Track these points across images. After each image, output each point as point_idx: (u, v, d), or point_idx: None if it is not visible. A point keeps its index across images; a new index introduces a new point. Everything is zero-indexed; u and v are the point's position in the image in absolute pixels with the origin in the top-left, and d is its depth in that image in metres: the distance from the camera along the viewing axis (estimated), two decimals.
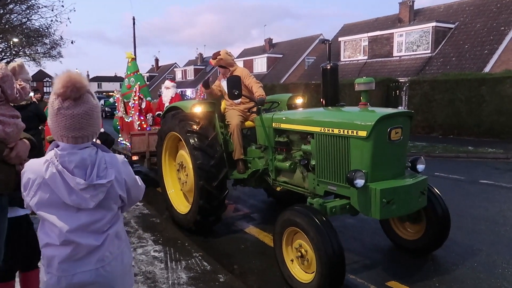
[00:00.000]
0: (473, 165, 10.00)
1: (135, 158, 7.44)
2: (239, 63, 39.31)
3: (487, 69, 18.09)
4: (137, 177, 1.89)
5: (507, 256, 4.35)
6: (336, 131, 3.78)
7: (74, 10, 24.27)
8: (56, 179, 1.62)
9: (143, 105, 8.13)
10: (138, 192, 1.88)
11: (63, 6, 23.04)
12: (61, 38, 24.15)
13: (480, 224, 5.40)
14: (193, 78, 48.23)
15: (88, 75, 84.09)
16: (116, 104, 9.23)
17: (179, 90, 38.00)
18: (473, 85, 14.51)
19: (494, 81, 14.06)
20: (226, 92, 4.82)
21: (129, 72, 9.56)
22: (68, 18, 32.11)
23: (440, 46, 21.06)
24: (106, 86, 76.24)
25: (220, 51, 5.36)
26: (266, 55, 36.97)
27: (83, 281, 1.67)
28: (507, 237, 4.93)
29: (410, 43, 22.22)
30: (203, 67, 49.60)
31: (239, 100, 5.15)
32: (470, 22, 21.03)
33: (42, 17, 27.90)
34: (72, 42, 24.87)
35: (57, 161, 1.64)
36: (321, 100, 4.68)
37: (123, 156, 1.85)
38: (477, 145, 12.57)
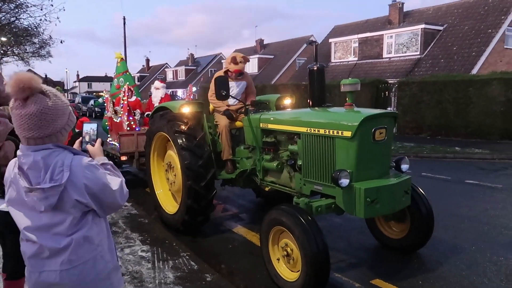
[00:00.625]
0: (459, 166, 10.15)
1: (124, 158, 7.42)
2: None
3: (474, 70, 18.36)
4: (119, 180, 1.81)
5: (488, 253, 4.45)
6: (322, 131, 3.84)
7: (64, 10, 24.13)
8: (18, 179, 1.67)
9: (133, 98, 8.14)
10: (112, 198, 1.77)
11: (52, 5, 22.82)
12: (50, 37, 23.97)
13: (464, 223, 5.50)
14: (184, 78, 48.09)
15: (78, 75, 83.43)
16: (105, 104, 9.20)
17: (170, 90, 37.87)
18: (461, 87, 14.72)
19: (481, 83, 14.27)
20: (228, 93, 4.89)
21: (118, 72, 9.55)
22: (58, 18, 31.64)
23: (429, 48, 21.32)
24: (96, 86, 75.61)
25: (243, 56, 5.37)
26: (257, 56, 37.03)
27: (48, 281, 1.69)
28: (489, 235, 5.03)
29: (400, 44, 22.45)
30: (194, 67, 49.50)
31: (234, 101, 5.19)
32: (458, 24, 21.32)
33: (31, 16, 27.54)
34: (61, 42, 24.82)
35: (17, 162, 1.68)
36: (308, 100, 4.73)
37: (89, 159, 1.77)
38: (464, 145, 12.76)
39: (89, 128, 2.07)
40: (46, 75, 58.46)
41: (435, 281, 3.85)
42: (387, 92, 17.61)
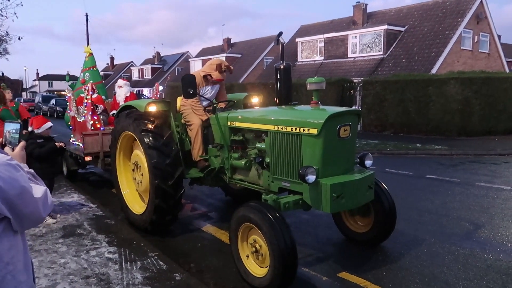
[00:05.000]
0: (421, 161, 10.57)
1: (88, 158, 7.23)
2: (198, 63, 39.10)
3: (434, 70, 19.15)
4: (44, 188, 1.57)
5: (447, 244, 4.68)
6: (289, 129, 3.90)
7: (22, 5, 23.08)
8: None
9: (94, 95, 8.01)
10: (33, 207, 1.48)
11: (9, 0, 21.76)
12: (7, 33, 22.91)
13: (425, 216, 5.75)
14: (150, 77, 47.22)
15: (37, 74, 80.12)
16: (68, 103, 8.92)
17: (136, 89, 37.16)
18: (421, 86, 15.32)
19: (440, 82, 14.92)
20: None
21: (85, 67, 9.36)
22: (15, 13, 30.40)
23: (392, 48, 22.02)
24: (57, 85, 72.83)
25: (228, 65, 5.39)
26: (225, 54, 36.92)
27: None
28: (448, 227, 5.29)
29: (364, 45, 23.06)
30: (161, 66, 48.72)
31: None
32: (418, 25, 22.15)
33: None
34: (19, 38, 23.73)
35: None
36: (275, 99, 4.80)
37: (9, 157, 1.53)
38: (424, 142, 13.29)
39: (10, 128, 1.79)
40: (2, 73, 55.70)
41: (398, 272, 4.01)
42: (352, 91, 18.05)
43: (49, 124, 5.78)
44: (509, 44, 36.54)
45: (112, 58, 62.32)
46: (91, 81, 8.72)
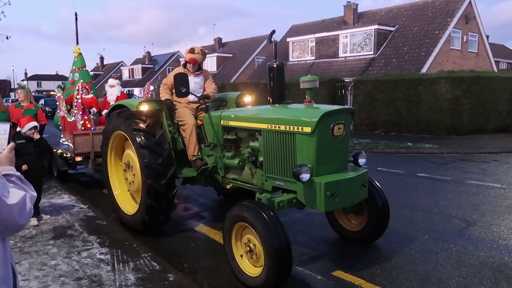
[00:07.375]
0: (412, 160, 10.65)
1: (78, 159, 7.14)
2: None
3: (424, 70, 19.31)
4: (22, 194, 1.48)
5: (440, 242, 4.70)
6: (282, 127, 3.89)
7: (9, 4, 22.74)
8: None
9: (89, 96, 7.93)
10: (7, 213, 1.40)
11: None
12: None
13: (417, 214, 5.78)
14: (140, 77, 46.90)
15: (26, 73, 79.09)
16: (57, 103, 8.80)
17: (126, 89, 36.87)
18: (411, 85, 15.42)
19: (430, 81, 15.04)
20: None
21: (74, 67, 9.24)
22: (2, 12, 30.05)
23: (382, 47, 22.17)
24: (46, 85, 71.99)
25: (202, 49, 5.35)
26: (216, 54, 36.86)
27: None
28: (440, 225, 5.33)
29: (355, 44, 23.18)
30: (151, 65, 48.41)
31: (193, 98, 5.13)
32: (408, 25, 22.33)
33: None
34: (7, 38, 23.31)
35: None
36: (268, 98, 4.78)
37: None
38: (415, 141, 13.39)
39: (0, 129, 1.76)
40: None
41: (392, 270, 4.02)
42: (343, 91, 18.11)
43: (32, 123, 5.36)
44: (497, 44, 37.07)
45: (102, 58, 61.84)
46: (81, 81, 8.62)
